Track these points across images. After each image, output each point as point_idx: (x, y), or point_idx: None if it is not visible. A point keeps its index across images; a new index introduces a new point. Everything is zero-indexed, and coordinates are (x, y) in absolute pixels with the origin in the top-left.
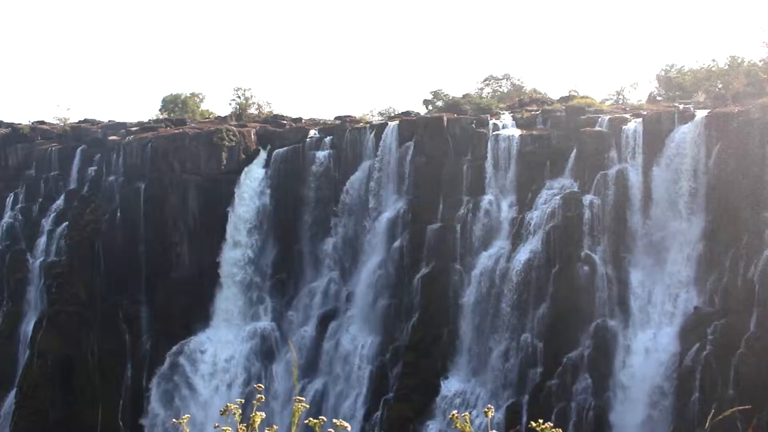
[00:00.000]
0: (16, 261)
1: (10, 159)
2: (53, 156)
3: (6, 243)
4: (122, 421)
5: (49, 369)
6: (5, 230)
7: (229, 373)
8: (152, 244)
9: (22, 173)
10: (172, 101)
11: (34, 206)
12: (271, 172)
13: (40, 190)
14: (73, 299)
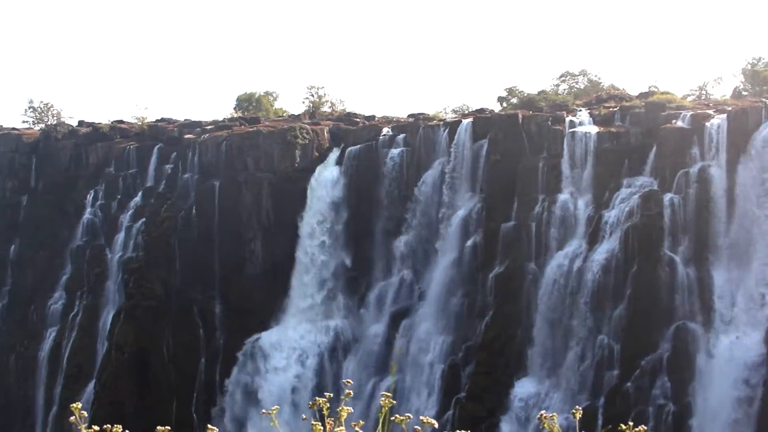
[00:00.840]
0: (96, 256)
1: (91, 157)
2: (131, 154)
3: (86, 238)
4: (195, 414)
5: (126, 361)
6: (86, 226)
7: (301, 369)
8: (226, 241)
9: (102, 171)
10: (247, 100)
11: (113, 203)
12: (344, 170)
13: (119, 187)
14: (150, 294)
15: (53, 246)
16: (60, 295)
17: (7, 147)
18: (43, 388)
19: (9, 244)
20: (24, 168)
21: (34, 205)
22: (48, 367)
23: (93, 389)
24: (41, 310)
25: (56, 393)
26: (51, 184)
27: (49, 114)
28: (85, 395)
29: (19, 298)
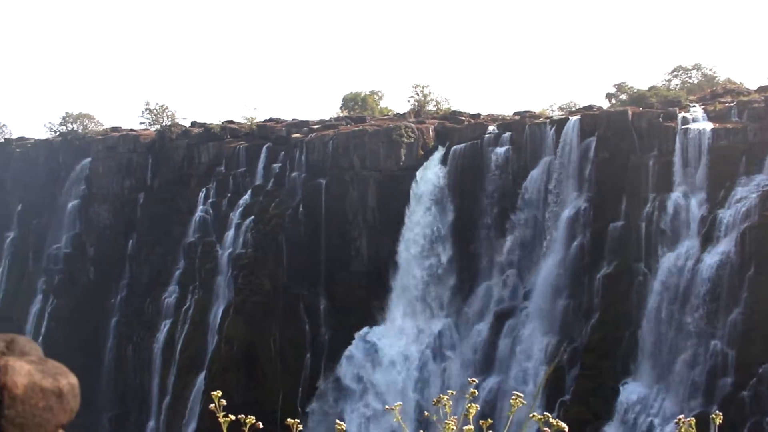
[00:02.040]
0: (207, 252)
1: (203, 156)
2: (241, 153)
3: (198, 235)
4: (300, 407)
5: (235, 354)
6: (198, 223)
7: (404, 367)
8: (332, 238)
9: (213, 170)
10: (352, 99)
11: (223, 201)
12: (449, 168)
13: (229, 185)
14: (258, 289)
15: (167, 242)
16: (173, 289)
17: (125, 147)
18: (158, 378)
19: (127, 240)
20: (141, 167)
21: (149, 203)
22: (162, 357)
23: (203, 380)
24: (156, 303)
25: (169, 383)
26: (165, 182)
27: (164, 115)
28: (195, 386)
29: (136, 292)
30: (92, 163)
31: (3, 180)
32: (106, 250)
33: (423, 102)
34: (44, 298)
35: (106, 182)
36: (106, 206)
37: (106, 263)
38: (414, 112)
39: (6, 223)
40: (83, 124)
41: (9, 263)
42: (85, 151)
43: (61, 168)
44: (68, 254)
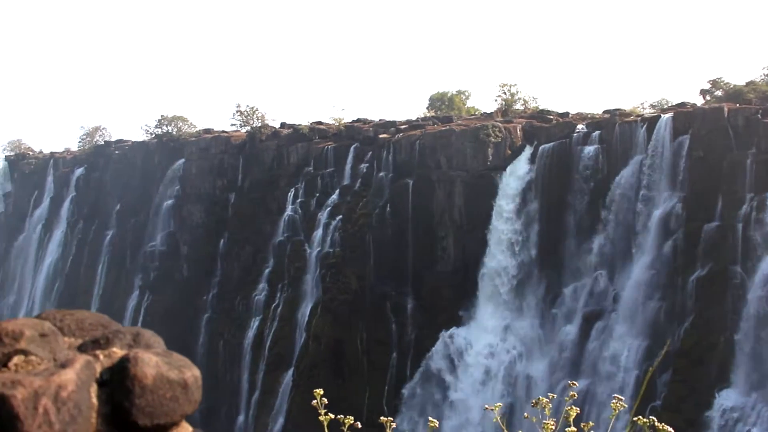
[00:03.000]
0: (296, 251)
1: (292, 157)
2: (329, 154)
3: (287, 234)
4: (387, 406)
5: (323, 352)
6: (287, 223)
7: (490, 368)
8: (419, 238)
9: (302, 170)
10: (439, 99)
11: (311, 200)
12: (537, 168)
13: (317, 185)
14: (346, 288)
15: (257, 241)
16: (263, 287)
17: (217, 148)
18: (247, 374)
19: (219, 239)
20: (232, 168)
21: (240, 203)
22: (251, 353)
23: (291, 377)
24: (246, 300)
25: (258, 378)
26: (256, 182)
27: (255, 117)
28: (284, 382)
29: (227, 289)
30: (186, 164)
31: (103, 181)
32: (198, 248)
33: (510, 101)
34: (140, 294)
35: (198, 182)
36: (199, 206)
37: (198, 261)
38: (501, 111)
39: (106, 222)
40: (177, 126)
41: (108, 260)
42: (179, 152)
43: (157, 169)
44: (163, 252)
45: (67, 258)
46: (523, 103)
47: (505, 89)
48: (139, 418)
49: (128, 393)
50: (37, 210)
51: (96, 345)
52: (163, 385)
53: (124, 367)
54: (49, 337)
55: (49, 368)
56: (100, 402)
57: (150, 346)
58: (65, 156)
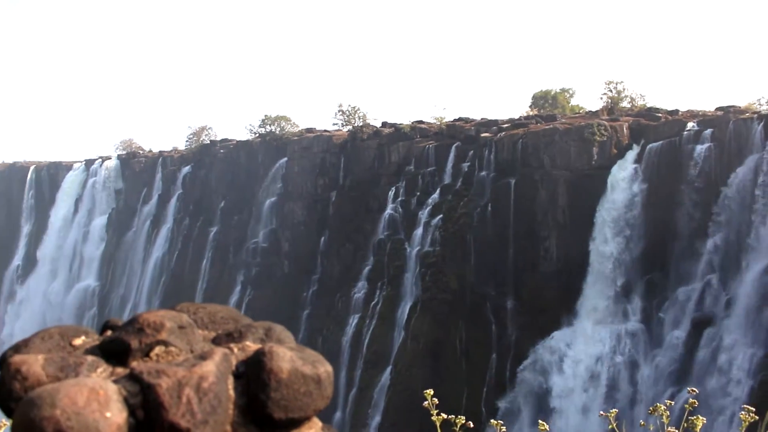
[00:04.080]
0: (396, 249)
1: (393, 156)
2: (430, 153)
3: (387, 233)
4: (485, 407)
5: (421, 351)
6: (387, 221)
7: (593, 372)
8: (521, 238)
9: (403, 169)
10: (542, 97)
11: (412, 199)
12: (644, 168)
13: (418, 184)
14: (445, 287)
15: (357, 239)
16: (362, 285)
17: (319, 147)
18: (345, 370)
19: (319, 237)
20: (333, 167)
21: (341, 201)
22: (350, 351)
23: (389, 375)
24: (346, 298)
25: (356, 375)
26: (356, 181)
27: (356, 116)
28: (381, 380)
29: (327, 286)
30: (288, 162)
31: (208, 179)
32: (299, 245)
33: (617, 99)
34: (242, 290)
35: (300, 181)
36: (301, 204)
37: (299, 258)
38: (607, 109)
39: (210, 219)
40: (280, 125)
41: (212, 256)
42: (281, 151)
43: (260, 167)
44: (265, 249)
45: (173, 253)
46: (630, 101)
47: (611, 86)
48: (274, 411)
49: (264, 386)
50: (146, 207)
51: (229, 338)
52: (297, 379)
53: (260, 360)
54: (187, 330)
55: (188, 359)
56: (236, 394)
57: (281, 340)
58: (173, 155)
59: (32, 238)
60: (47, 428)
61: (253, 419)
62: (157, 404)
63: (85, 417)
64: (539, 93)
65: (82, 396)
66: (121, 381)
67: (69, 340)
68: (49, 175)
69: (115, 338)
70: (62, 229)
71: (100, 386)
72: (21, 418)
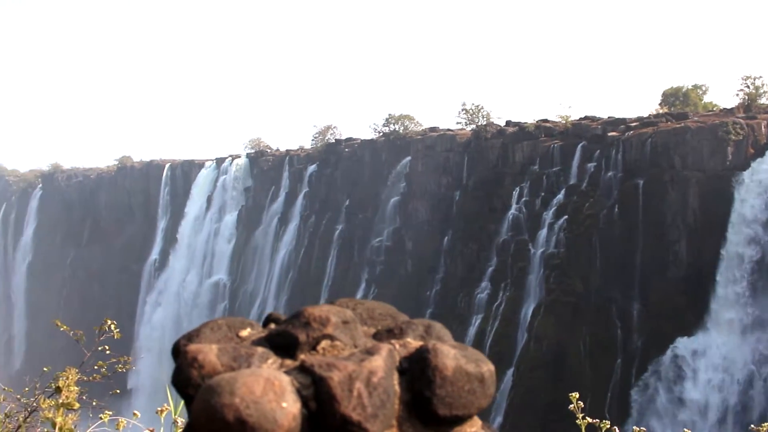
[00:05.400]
0: (519, 250)
1: (517, 155)
2: (555, 152)
3: (511, 233)
4: (608, 414)
5: (544, 354)
6: (511, 222)
7: (723, 384)
8: (649, 241)
9: (527, 168)
10: (673, 95)
11: (536, 200)
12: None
13: (543, 184)
14: (569, 290)
15: (481, 239)
16: (486, 285)
17: (443, 147)
18: None
19: (443, 236)
20: (457, 166)
21: (465, 201)
22: None
23: (511, 377)
24: (469, 298)
25: None
26: (480, 181)
27: (480, 115)
28: (503, 382)
29: (449, 286)
30: (411, 161)
31: (334, 178)
32: (423, 244)
33: (754, 95)
34: (367, 287)
35: (424, 180)
36: (424, 203)
37: (422, 257)
38: (743, 106)
39: (335, 217)
40: (404, 124)
41: (337, 253)
42: (405, 150)
43: (384, 166)
44: (389, 247)
45: (300, 250)
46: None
47: (748, 82)
48: (439, 408)
49: (429, 383)
50: (274, 204)
51: (390, 334)
52: (461, 377)
53: (425, 357)
54: (351, 325)
55: (355, 354)
56: (401, 389)
57: (441, 338)
58: (299, 153)
59: (167, 233)
60: (228, 415)
61: (417, 415)
62: (330, 396)
63: (263, 406)
64: (670, 90)
65: (259, 386)
66: (293, 373)
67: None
68: (183, 172)
69: (283, 331)
70: (195, 225)
71: (275, 377)
72: (202, 404)
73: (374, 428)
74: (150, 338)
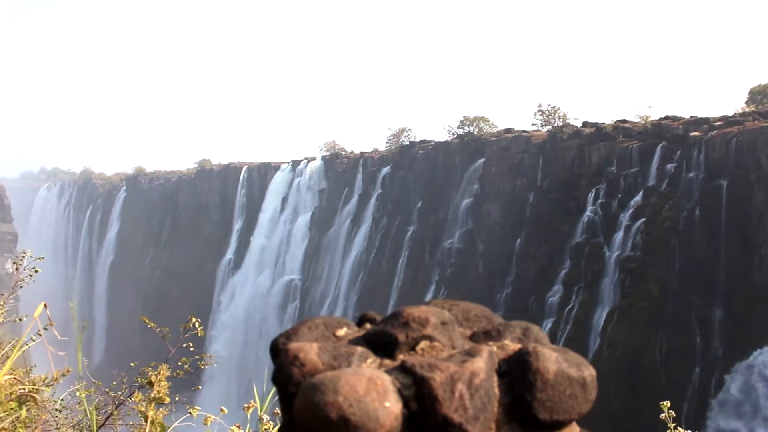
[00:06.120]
0: (594, 253)
1: (593, 156)
2: (633, 153)
3: (585, 236)
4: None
5: (617, 360)
6: (586, 224)
7: None
8: (732, 245)
9: (604, 170)
10: (761, 92)
11: (613, 202)
12: None
13: (620, 186)
14: (646, 294)
15: (554, 241)
16: (558, 288)
17: (518, 148)
18: None
19: (515, 238)
20: (531, 167)
21: (538, 202)
22: None
23: None
24: (540, 301)
25: None
26: (555, 182)
27: (556, 116)
28: None
29: (521, 289)
30: (485, 163)
31: (407, 179)
32: (494, 246)
33: None
34: (437, 289)
35: (497, 182)
36: (497, 205)
37: (493, 259)
38: None
39: (407, 219)
40: (478, 126)
41: (408, 255)
42: (479, 152)
43: (457, 168)
44: (460, 249)
45: (371, 251)
46: None
47: None
48: (539, 411)
49: (530, 386)
50: (347, 206)
51: (487, 336)
52: (563, 381)
53: (525, 360)
54: (449, 326)
55: (455, 355)
56: (500, 392)
57: (539, 340)
58: (373, 155)
59: (243, 233)
60: (331, 413)
61: (516, 418)
62: (431, 397)
63: (366, 405)
64: (757, 88)
65: (362, 385)
66: (393, 373)
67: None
68: (259, 175)
69: (381, 331)
70: (269, 226)
71: (378, 377)
72: (305, 402)
73: (474, 430)
74: (222, 336)
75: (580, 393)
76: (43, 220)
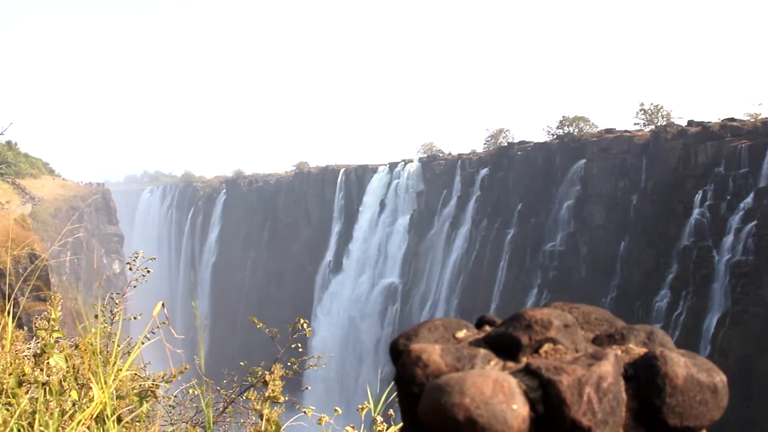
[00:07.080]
0: (702, 257)
1: (699, 157)
2: (742, 153)
3: (693, 239)
4: None
5: (729, 368)
6: (693, 226)
7: None
8: None
9: (711, 170)
10: None
11: (721, 203)
12: None
13: (729, 187)
14: (758, 300)
15: (660, 244)
16: (665, 293)
17: (619, 148)
18: None
19: (619, 241)
20: (634, 168)
21: (642, 204)
22: None
23: None
24: (646, 306)
25: None
26: (659, 183)
27: (659, 115)
28: None
29: (626, 293)
30: (586, 164)
31: (506, 181)
32: (598, 249)
33: None
34: (539, 292)
35: (599, 183)
36: (599, 206)
37: (597, 262)
38: None
39: (507, 221)
40: (578, 126)
41: (509, 258)
42: (579, 152)
43: (557, 169)
44: (562, 252)
45: (471, 254)
46: None
47: None
48: (669, 417)
49: (659, 391)
50: (446, 208)
51: (611, 340)
52: (693, 386)
53: (653, 364)
54: (572, 329)
55: (580, 358)
56: (628, 396)
57: (664, 345)
58: (471, 157)
59: (342, 236)
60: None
61: (644, 423)
62: (559, 400)
63: (493, 407)
64: None
65: (488, 387)
66: (518, 375)
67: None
68: (357, 177)
69: (504, 333)
70: (368, 228)
71: (504, 379)
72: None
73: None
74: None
75: (711, 399)
76: (147, 222)
